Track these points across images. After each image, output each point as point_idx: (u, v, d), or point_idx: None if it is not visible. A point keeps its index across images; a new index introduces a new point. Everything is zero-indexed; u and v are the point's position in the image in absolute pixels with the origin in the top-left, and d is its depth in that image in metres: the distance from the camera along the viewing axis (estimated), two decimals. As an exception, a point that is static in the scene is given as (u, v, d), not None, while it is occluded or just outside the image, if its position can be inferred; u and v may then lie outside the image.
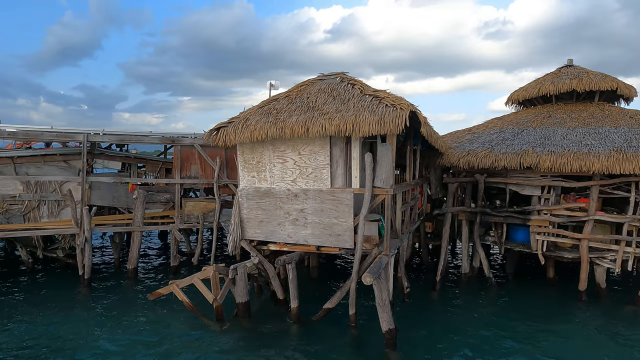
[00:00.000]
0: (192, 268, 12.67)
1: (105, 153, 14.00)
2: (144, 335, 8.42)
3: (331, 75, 9.69)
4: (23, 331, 8.55)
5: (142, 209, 11.99)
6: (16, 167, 12.26)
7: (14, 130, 12.45)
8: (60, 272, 12.58)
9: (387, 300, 7.90)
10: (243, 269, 8.95)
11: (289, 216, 8.81)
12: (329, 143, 8.40)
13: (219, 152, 12.65)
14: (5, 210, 12.04)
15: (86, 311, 9.75)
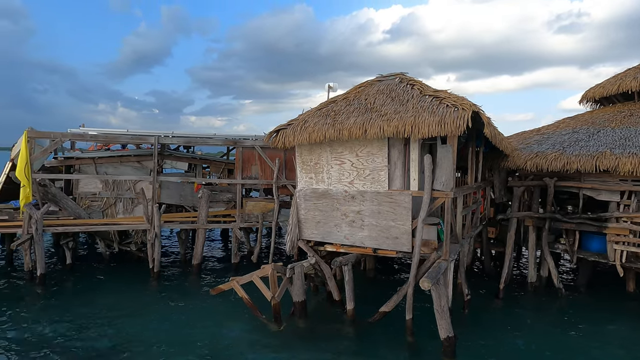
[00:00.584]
0: (251, 266, 13.09)
1: (174, 154, 14.89)
2: (204, 329, 8.82)
3: (390, 76, 9.58)
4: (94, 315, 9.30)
5: (206, 207, 12.58)
6: (97, 167, 13.40)
7: (95, 133, 13.64)
8: (132, 264, 13.54)
9: (445, 306, 7.66)
10: (300, 269, 9.10)
11: (346, 218, 8.82)
12: (387, 145, 8.32)
13: (278, 153, 12.97)
14: (87, 206, 13.21)
15: (154, 302, 10.43)
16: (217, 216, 13.78)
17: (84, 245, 15.92)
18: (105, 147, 15.55)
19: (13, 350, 7.71)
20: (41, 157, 12.02)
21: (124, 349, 7.85)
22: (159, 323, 9.12)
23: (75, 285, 11.43)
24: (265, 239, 16.97)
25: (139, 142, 13.39)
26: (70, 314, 9.39)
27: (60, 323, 8.92)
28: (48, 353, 7.64)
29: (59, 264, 13.25)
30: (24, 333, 8.42)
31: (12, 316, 9.21)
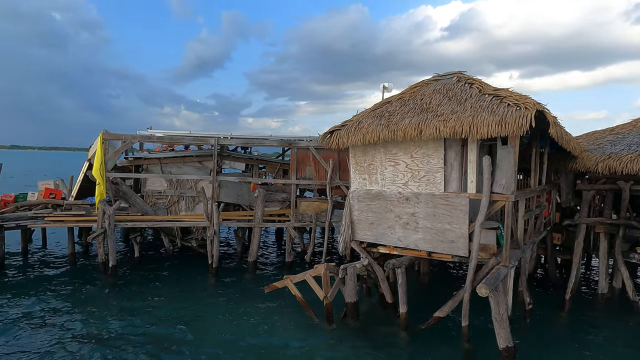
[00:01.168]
0: (304, 265, 13.30)
1: (232, 155, 15.48)
2: (258, 325, 9.08)
3: (447, 75, 9.34)
4: (160, 306, 9.91)
5: (262, 206, 12.96)
6: (162, 166, 14.26)
7: (161, 135, 14.50)
8: (193, 259, 14.24)
9: (505, 315, 7.32)
10: (353, 270, 9.11)
11: (400, 220, 8.71)
12: (443, 146, 8.11)
13: (332, 154, 13.07)
14: (153, 203, 14.10)
15: (212, 296, 10.91)
16: (272, 215, 14.14)
17: (150, 240, 16.99)
18: (170, 148, 16.50)
19: (87, 334, 8.41)
20: (114, 158, 13.00)
21: (185, 338, 8.29)
22: (216, 316, 9.53)
23: (142, 277, 12.23)
24: (319, 239, 17.14)
25: (200, 144, 14.07)
26: (137, 303, 10.09)
27: (128, 311, 9.61)
28: (117, 337, 8.25)
29: (128, 257, 14.25)
30: (97, 319, 9.15)
31: (87, 303, 10.04)
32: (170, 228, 14.11)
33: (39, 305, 9.73)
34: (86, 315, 9.37)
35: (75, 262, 13.40)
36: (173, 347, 7.95)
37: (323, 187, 13.81)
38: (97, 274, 12.31)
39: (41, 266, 13.00)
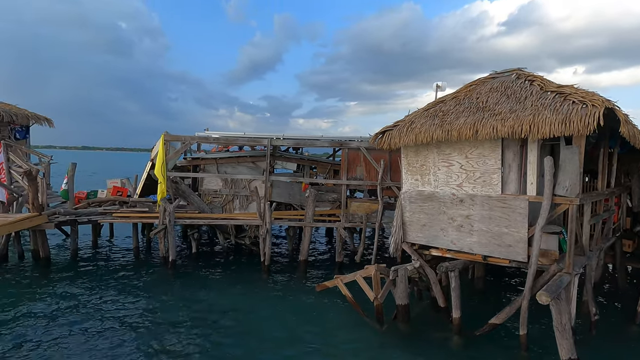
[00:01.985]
0: (354, 265, 13.29)
1: (284, 155, 15.79)
2: (308, 322, 9.20)
3: (505, 72, 8.97)
4: (216, 299, 10.32)
5: (312, 206, 13.11)
6: (218, 166, 14.84)
7: (217, 136, 15.10)
8: (246, 256, 14.70)
9: (567, 325, 6.91)
10: (404, 272, 9.00)
11: (453, 222, 8.48)
12: (501, 146, 7.80)
13: (383, 154, 12.96)
14: (209, 201, 14.71)
15: (264, 292, 11.20)
16: (322, 215, 14.26)
17: (206, 236, 17.75)
18: (225, 149, 17.13)
19: (147, 321, 8.95)
20: (174, 158, 13.72)
21: (238, 330, 8.59)
22: (268, 312, 9.78)
23: (199, 271, 12.82)
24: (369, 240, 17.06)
25: (253, 144, 14.48)
26: (194, 296, 10.59)
27: (186, 302, 10.11)
28: (175, 325, 8.71)
29: (186, 252, 14.97)
30: (157, 308, 9.71)
31: (149, 294, 10.68)
32: (225, 226, 14.64)
33: (107, 294, 10.49)
34: (148, 304, 9.97)
35: (139, 255, 14.30)
36: (226, 338, 8.26)
37: (374, 188, 13.74)
38: (158, 267, 13.06)
39: (109, 258, 14.00)
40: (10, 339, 7.93)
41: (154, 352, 7.68)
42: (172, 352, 7.72)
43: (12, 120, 16.94)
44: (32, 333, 8.22)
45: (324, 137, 15.58)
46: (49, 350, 7.59)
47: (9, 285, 10.98)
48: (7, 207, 13.31)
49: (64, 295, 10.32)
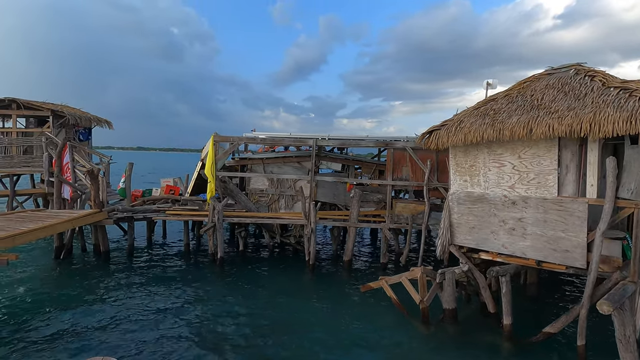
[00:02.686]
0: (399, 267, 13.13)
1: (329, 155, 15.86)
2: (352, 323, 9.18)
3: (562, 67, 8.51)
4: (262, 296, 10.54)
5: (357, 207, 13.08)
6: (265, 166, 15.16)
7: (264, 137, 15.41)
8: (291, 255, 14.90)
9: (631, 337, 6.45)
10: (451, 275, 8.77)
11: (505, 225, 8.16)
12: (557, 145, 7.41)
13: (430, 155, 12.69)
14: (256, 200, 15.05)
15: (308, 291, 11.32)
16: (367, 216, 14.18)
17: (253, 235, 18.17)
18: (271, 149, 17.45)
19: (194, 317, 9.29)
20: (223, 158, 14.15)
21: (283, 327, 8.72)
22: (312, 310, 9.87)
23: (245, 268, 13.16)
24: (414, 242, 16.77)
25: (299, 145, 14.65)
26: (241, 291, 10.89)
27: (233, 297, 10.41)
28: (222, 318, 8.99)
29: (234, 250, 15.40)
30: (206, 302, 10.07)
31: (199, 288, 11.10)
32: (271, 224, 14.93)
33: (158, 287, 11.01)
34: (196, 298, 10.36)
35: (189, 251, 14.90)
36: (271, 335, 8.41)
37: (420, 189, 13.48)
38: (207, 263, 13.54)
39: (162, 254, 14.68)
40: (75, 322, 8.53)
41: (199, 344, 7.97)
42: (217, 346, 7.97)
43: (77, 122, 18.20)
44: (91, 318, 8.79)
45: (369, 137, 15.48)
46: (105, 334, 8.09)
47: (75, 276, 11.82)
48: (71, 204, 14.31)
49: (121, 287, 10.95)
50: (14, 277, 11.52)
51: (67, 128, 17.85)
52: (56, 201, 14.46)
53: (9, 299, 9.91)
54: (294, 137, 15.22)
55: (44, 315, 9.02)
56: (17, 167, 16.90)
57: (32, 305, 9.58)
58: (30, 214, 12.79)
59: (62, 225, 11.33)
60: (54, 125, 17.07)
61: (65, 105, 18.49)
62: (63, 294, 10.39)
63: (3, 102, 16.60)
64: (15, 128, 17.23)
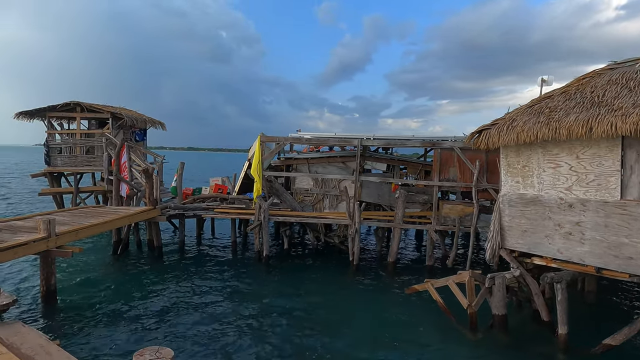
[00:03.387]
0: (445, 270, 12.80)
1: (374, 155, 15.76)
2: (397, 324, 9.07)
3: (627, 61, 7.94)
4: (305, 294, 10.64)
5: (402, 207, 12.90)
6: (309, 166, 15.31)
7: (309, 137, 15.56)
8: (335, 255, 14.94)
9: None
10: (501, 280, 8.44)
11: (560, 229, 7.74)
12: (621, 145, 6.93)
13: (479, 155, 12.29)
14: (301, 200, 15.23)
15: (352, 291, 11.30)
16: (412, 217, 13.96)
17: (297, 234, 18.41)
18: (316, 149, 17.59)
19: (239, 312, 9.54)
20: (269, 158, 14.46)
21: (326, 327, 8.77)
22: (355, 310, 9.85)
23: (289, 267, 13.36)
24: (462, 244, 16.31)
25: (344, 145, 14.67)
26: (286, 289, 11.06)
27: (278, 294, 10.60)
28: (267, 315, 9.18)
29: (278, 248, 15.68)
30: (252, 299, 10.31)
31: (245, 284, 11.40)
32: (315, 224, 15.05)
33: (207, 282, 11.43)
34: (241, 294, 10.65)
35: (236, 249, 15.32)
36: (313, 334, 8.48)
37: (468, 190, 13.10)
38: (252, 261, 13.88)
39: (210, 250, 15.22)
40: (131, 313, 9.04)
41: (243, 338, 8.18)
42: (260, 341, 8.14)
43: (133, 124, 19.25)
44: (146, 310, 9.27)
45: (415, 137, 15.23)
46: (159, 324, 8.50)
47: (132, 269, 12.53)
48: (128, 201, 15.15)
49: (173, 281, 11.46)
50: (77, 268, 12.38)
51: (125, 129, 18.91)
52: (115, 198, 15.39)
53: (73, 288, 10.66)
54: (339, 137, 15.26)
55: (104, 304, 9.63)
56: (80, 166, 18.13)
57: (93, 295, 10.25)
58: (91, 209, 13.69)
59: (120, 221, 12.03)
60: (113, 126, 18.15)
61: (123, 108, 19.61)
62: (121, 285, 11.04)
63: (68, 105, 17.85)
64: (79, 130, 18.49)
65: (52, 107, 17.67)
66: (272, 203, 13.82)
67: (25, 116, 17.81)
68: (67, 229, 9.56)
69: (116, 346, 7.72)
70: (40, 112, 17.78)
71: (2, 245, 7.61)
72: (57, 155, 18.00)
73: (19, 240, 8.09)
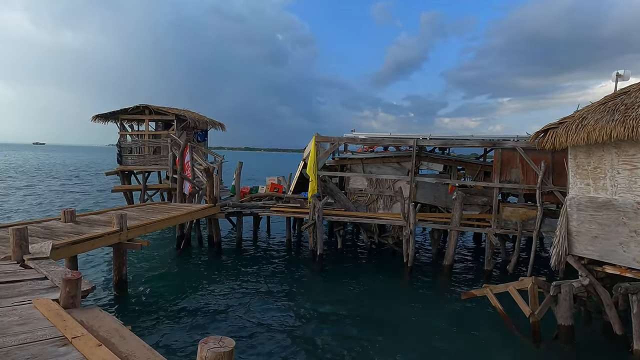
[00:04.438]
0: (505, 275, 12.25)
1: (430, 156, 15.40)
2: (452, 331, 8.81)
3: None
4: (358, 295, 10.63)
5: (459, 209, 12.50)
6: (364, 166, 15.27)
7: (364, 137, 15.52)
8: (388, 256, 14.79)
9: None
10: (568, 288, 7.94)
11: (637, 236, 7.15)
12: None
13: (544, 155, 11.63)
14: (355, 200, 15.24)
15: (406, 294, 11.13)
16: (470, 219, 13.49)
17: (350, 234, 18.43)
18: (371, 149, 17.50)
19: (292, 310, 9.73)
20: (324, 158, 14.61)
21: (379, 329, 8.72)
22: (409, 314, 9.69)
23: (343, 266, 13.41)
24: (524, 249, 15.50)
25: (399, 145, 14.47)
26: (339, 289, 11.13)
27: (331, 294, 10.69)
28: (316, 317, 9.29)
29: (332, 248, 15.79)
30: (305, 297, 10.49)
31: (298, 283, 11.61)
32: (369, 224, 14.99)
33: (262, 278, 11.77)
34: (295, 292, 10.85)
35: (290, 247, 15.63)
36: (364, 336, 8.47)
37: (531, 192, 12.43)
38: (306, 259, 14.09)
39: (266, 247, 15.65)
40: (193, 304, 9.54)
41: (297, 334, 8.34)
42: (311, 341, 8.25)
43: (195, 125, 20.25)
44: (207, 302, 9.74)
45: (474, 136, 14.69)
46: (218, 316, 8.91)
47: (193, 263, 13.23)
48: (189, 198, 15.98)
49: (231, 275, 11.94)
50: (144, 260, 13.26)
51: (188, 130, 19.94)
52: (178, 195, 16.29)
53: (140, 279, 11.44)
54: (394, 137, 15.07)
55: (168, 295, 10.24)
56: (148, 165, 19.38)
57: (158, 285, 10.93)
58: (157, 206, 14.60)
59: (183, 217, 12.72)
60: (177, 128, 19.21)
61: (186, 110, 20.69)
62: (183, 277, 11.68)
63: (138, 108, 19.15)
64: (147, 131, 19.76)
65: (124, 110, 19.03)
66: (326, 203, 13.95)
67: (101, 119, 19.33)
68: (137, 224, 10.28)
69: (179, 334, 8.18)
70: (113, 115, 19.22)
71: (82, 237, 8.35)
72: (128, 154, 19.36)
73: (96, 233, 8.83)
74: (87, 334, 3.66)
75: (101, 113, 19.11)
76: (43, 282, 5.24)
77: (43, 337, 3.61)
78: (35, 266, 5.87)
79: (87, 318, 4.10)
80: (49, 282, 5.24)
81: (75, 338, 3.55)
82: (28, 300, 4.52)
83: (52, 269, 5.71)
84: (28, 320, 4.00)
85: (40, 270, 5.68)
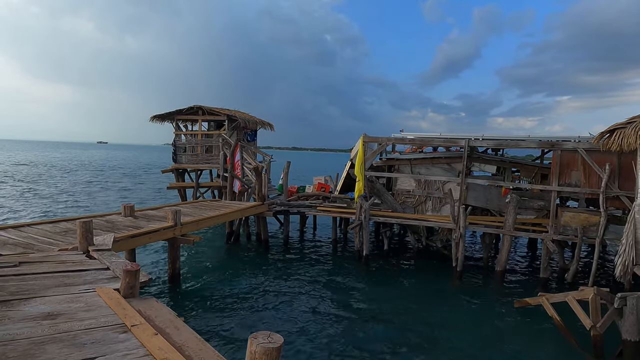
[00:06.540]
0: (562, 285, 11.59)
1: (482, 157, 14.84)
2: (504, 344, 8.40)
3: None
4: (404, 299, 10.44)
5: (513, 213, 11.96)
6: (412, 167, 15.00)
7: (412, 137, 15.24)
8: (436, 259, 14.42)
9: None
10: (636, 301, 7.35)
11: None
12: None
13: (609, 157, 10.85)
14: (402, 201, 15.00)
15: (455, 300, 10.79)
16: (525, 224, 12.86)
17: (397, 235, 18.16)
18: (419, 150, 17.15)
19: (337, 310, 9.72)
20: (371, 158, 14.50)
21: (425, 337, 8.52)
22: (458, 321, 9.39)
23: (389, 268, 13.25)
24: (585, 257, 14.56)
25: (449, 145, 14.08)
26: (383, 292, 11.00)
27: (376, 296, 10.60)
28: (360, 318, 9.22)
29: (378, 249, 15.64)
30: (348, 298, 10.46)
31: (342, 283, 11.61)
32: (417, 226, 14.70)
33: (308, 276, 11.88)
34: (340, 292, 10.85)
35: (336, 247, 15.67)
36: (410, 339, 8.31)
37: (594, 197, 11.64)
38: (352, 259, 14.05)
39: (312, 246, 15.79)
40: (240, 298, 9.82)
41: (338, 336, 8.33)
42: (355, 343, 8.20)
43: (246, 125, 20.81)
44: (255, 297, 9.99)
45: (531, 137, 13.98)
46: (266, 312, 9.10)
47: (242, 259, 13.63)
48: (239, 196, 16.44)
49: (278, 272, 12.16)
50: (197, 255, 13.81)
51: (238, 130, 20.52)
52: (228, 193, 16.80)
53: (192, 272, 11.92)
54: (444, 138, 14.67)
55: (218, 289, 10.60)
56: (200, 163, 20.15)
57: (209, 279, 11.35)
58: (209, 203, 15.14)
59: (233, 214, 13.12)
60: (228, 127, 19.83)
61: (237, 111, 21.30)
62: (232, 273, 12.05)
63: (192, 109, 19.97)
64: (200, 130, 20.56)
65: (179, 111, 19.91)
66: (373, 203, 13.84)
67: (159, 119, 20.35)
68: (190, 220, 10.72)
69: (228, 327, 8.45)
70: (170, 115, 20.16)
71: (140, 231, 8.84)
72: (182, 153, 20.24)
73: (153, 227, 9.31)
74: (145, 322, 3.87)
75: (159, 114, 20.10)
76: (105, 272, 5.60)
77: (106, 324, 3.86)
78: (99, 257, 6.29)
79: (145, 308, 4.33)
80: (110, 273, 5.59)
81: (134, 326, 3.76)
82: (92, 289, 4.85)
83: (113, 260, 6.09)
84: (92, 307, 4.29)
85: (103, 261, 6.08)
